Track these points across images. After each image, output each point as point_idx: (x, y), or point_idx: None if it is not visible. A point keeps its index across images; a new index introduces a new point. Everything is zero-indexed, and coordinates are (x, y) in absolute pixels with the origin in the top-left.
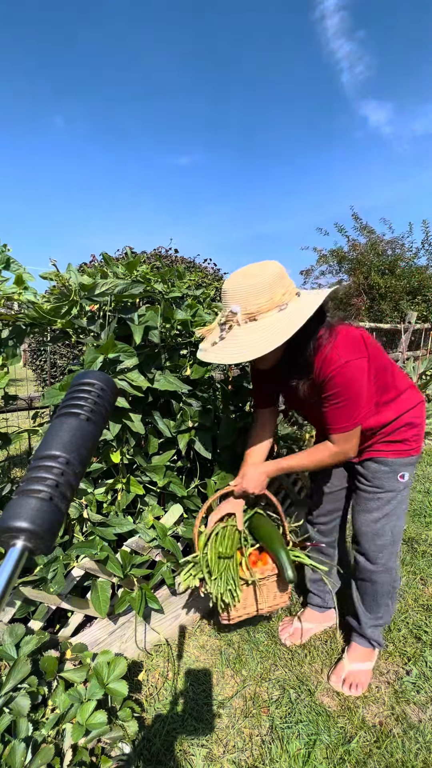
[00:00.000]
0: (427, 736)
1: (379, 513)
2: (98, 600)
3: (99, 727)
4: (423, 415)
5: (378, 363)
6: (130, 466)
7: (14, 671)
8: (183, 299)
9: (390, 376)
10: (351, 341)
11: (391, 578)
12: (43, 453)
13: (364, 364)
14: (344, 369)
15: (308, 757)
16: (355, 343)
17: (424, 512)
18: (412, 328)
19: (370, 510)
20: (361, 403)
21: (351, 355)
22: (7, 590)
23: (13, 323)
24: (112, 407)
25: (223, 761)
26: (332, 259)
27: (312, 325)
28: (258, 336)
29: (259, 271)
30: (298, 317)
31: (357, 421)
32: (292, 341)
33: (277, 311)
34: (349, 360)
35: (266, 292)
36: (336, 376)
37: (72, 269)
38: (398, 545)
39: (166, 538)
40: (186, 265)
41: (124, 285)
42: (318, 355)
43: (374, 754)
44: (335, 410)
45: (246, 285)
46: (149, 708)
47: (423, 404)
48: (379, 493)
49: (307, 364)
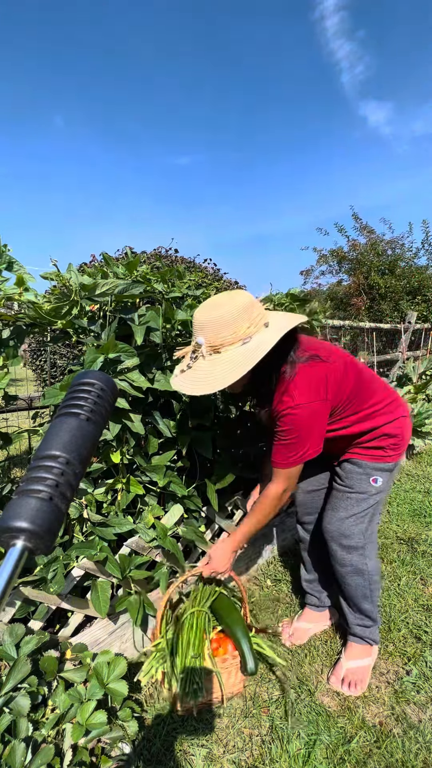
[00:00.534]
0: (427, 736)
1: (346, 512)
2: (98, 600)
3: (99, 727)
4: (404, 426)
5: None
6: (130, 466)
7: (14, 671)
8: (183, 299)
9: (367, 396)
10: (310, 382)
11: (365, 581)
12: (43, 453)
13: (317, 407)
14: (295, 410)
15: (308, 757)
16: (314, 384)
17: (424, 512)
18: (412, 328)
19: (337, 508)
20: (306, 444)
21: (305, 398)
22: (7, 590)
23: (13, 323)
24: (112, 407)
25: (223, 761)
26: (332, 259)
27: (273, 360)
28: (220, 369)
29: (226, 303)
30: (258, 353)
31: (298, 460)
32: (256, 372)
33: (240, 344)
34: (300, 403)
35: (230, 326)
36: (286, 416)
37: (72, 269)
38: (370, 549)
39: (166, 538)
40: (186, 265)
41: (124, 285)
42: (278, 389)
43: (374, 754)
44: (281, 446)
45: (212, 318)
46: (149, 708)
47: (405, 419)
48: (349, 493)
49: (268, 395)
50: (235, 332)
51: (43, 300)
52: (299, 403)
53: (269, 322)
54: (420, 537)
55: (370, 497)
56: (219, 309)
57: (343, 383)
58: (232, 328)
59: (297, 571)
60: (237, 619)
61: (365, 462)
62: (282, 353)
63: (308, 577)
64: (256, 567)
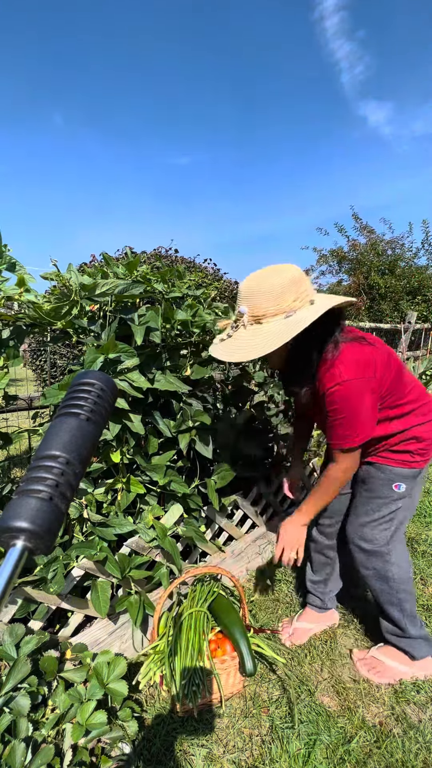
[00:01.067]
0: (427, 736)
1: (367, 517)
2: (98, 600)
3: (99, 727)
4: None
5: (392, 380)
6: (130, 465)
7: (14, 671)
8: (183, 299)
9: (405, 392)
10: (358, 360)
11: (390, 588)
12: (43, 453)
13: (365, 384)
14: (343, 386)
15: (308, 757)
16: (362, 363)
17: (424, 512)
18: (412, 328)
19: (359, 513)
20: (359, 422)
21: (353, 373)
22: (7, 590)
23: (13, 323)
24: (112, 407)
25: (223, 761)
26: (332, 259)
27: (317, 337)
28: (259, 339)
29: (273, 275)
30: (300, 325)
31: (356, 440)
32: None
33: (284, 317)
34: (349, 379)
35: (275, 298)
36: (335, 393)
37: (72, 269)
38: (397, 556)
39: (165, 538)
40: (186, 265)
41: (124, 285)
42: (322, 368)
43: (374, 754)
44: (335, 425)
45: (257, 288)
46: (149, 708)
47: None
48: (371, 498)
49: (307, 374)
50: (279, 305)
51: (44, 300)
52: (347, 378)
53: (315, 300)
54: (420, 537)
55: (393, 502)
56: (266, 280)
57: (386, 372)
58: (277, 300)
59: (297, 571)
60: (235, 619)
61: (389, 467)
62: (326, 331)
63: (314, 578)
64: (256, 567)
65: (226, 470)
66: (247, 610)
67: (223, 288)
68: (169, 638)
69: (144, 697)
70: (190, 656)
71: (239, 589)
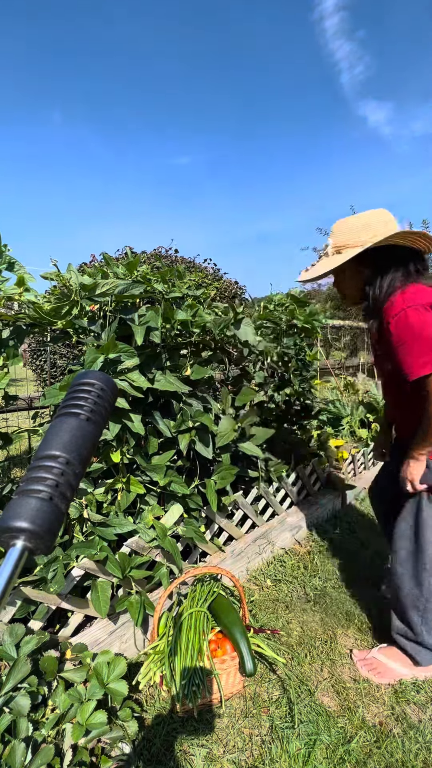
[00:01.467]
0: (427, 736)
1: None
2: (98, 600)
3: (99, 727)
4: None
5: None
6: (130, 465)
7: (14, 671)
8: (183, 299)
9: None
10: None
11: (414, 590)
12: (43, 453)
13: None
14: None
15: (308, 757)
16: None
17: None
18: None
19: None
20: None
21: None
22: (7, 590)
23: (13, 323)
24: (112, 407)
25: (223, 761)
26: None
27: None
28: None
29: (364, 215)
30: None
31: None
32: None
33: (360, 248)
34: (413, 305)
35: (357, 232)
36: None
37: (72, 269)
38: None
39: (165, 538)
40: (186, 265)
41: (124, 285)
42: (389, 298)
43: (374, 754)
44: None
45: (345, 224)
46: (149, 708)
47: None
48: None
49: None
50: (359, 237)
51: (44, 300)
52: (411, 304)
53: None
54: None
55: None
56: (355, 218)
57: None
58: (358, 234)
59: (297, 571)
60: (235, 619)
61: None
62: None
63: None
64: (256, 567)
65: (227, 470)
66: (247, 610)
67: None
68: (169, 638)
69: (144, 697)
70: (190, 656)
71: (239, 589)
